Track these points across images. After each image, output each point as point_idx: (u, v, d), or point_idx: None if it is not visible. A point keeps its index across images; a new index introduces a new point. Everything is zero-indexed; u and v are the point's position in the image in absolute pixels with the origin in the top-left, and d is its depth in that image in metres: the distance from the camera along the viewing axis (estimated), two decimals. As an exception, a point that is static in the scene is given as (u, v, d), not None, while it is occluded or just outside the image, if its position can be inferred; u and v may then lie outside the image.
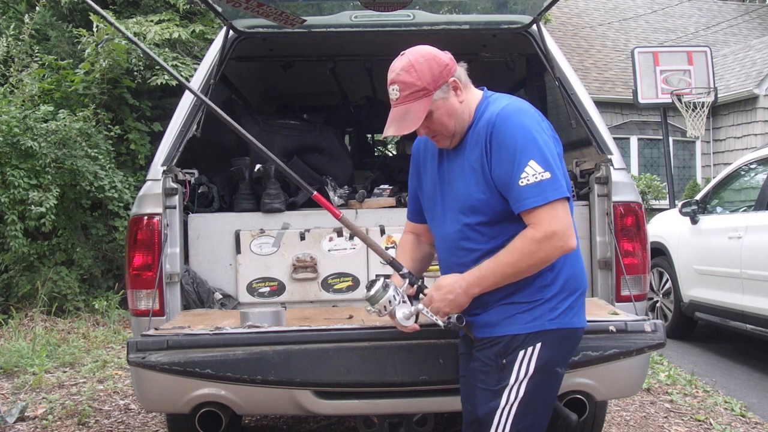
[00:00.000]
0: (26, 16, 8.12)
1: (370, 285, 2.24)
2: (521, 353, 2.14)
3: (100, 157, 7.17)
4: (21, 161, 6.81)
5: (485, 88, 2.31)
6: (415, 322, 2.28)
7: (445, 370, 2.50)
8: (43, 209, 6.55)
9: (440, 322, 2.21)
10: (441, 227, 2.32)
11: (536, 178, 2.05)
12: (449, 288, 2.18)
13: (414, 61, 2.14)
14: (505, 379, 2.14)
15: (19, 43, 7.86)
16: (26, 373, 5.38)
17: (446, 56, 2.20)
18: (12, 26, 8.13)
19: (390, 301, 2.23)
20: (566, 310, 2.18)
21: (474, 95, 2.26)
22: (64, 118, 6.96)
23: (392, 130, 2.16)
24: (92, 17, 7.86)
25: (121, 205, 7.28)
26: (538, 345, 2.14)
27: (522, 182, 2.06)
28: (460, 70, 2.22)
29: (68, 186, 7.07)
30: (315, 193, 2.37)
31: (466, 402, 2.28)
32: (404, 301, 2.26)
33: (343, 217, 2.37)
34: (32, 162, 6.82)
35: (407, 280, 2.29)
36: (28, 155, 6.83)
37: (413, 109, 2.13)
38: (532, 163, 2.05)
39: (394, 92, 2.16)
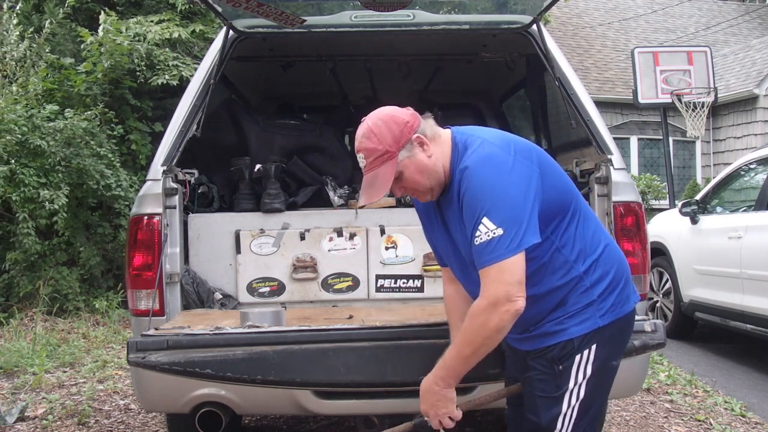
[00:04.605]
0: (47, 21, 8.09)
1: None
2: (577, 358, 2.10)
3: (110, 155, 7.17)
4: (30, 160, 6.81)
5: (450, 128, 2.21)
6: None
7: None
8: (56, 206, 6.55)
9: None
10: (465, 277, 2.25)
11: (488, 236, 1.95)
12: (428, 391, 2.16)
13: (372, 126, 2.09)
14: (563, 385, 2.11)
15: (34, 45, 7.85)
16: (26, 373, 5.38)
17: (406, 114, 2.13)
18: (30, 30, 8.12)
19: None
20: (615, 300, 2.14)
21: (444, 144, 2.15)
22: (71, 117, 6.96)
23: (364, 199, 2.13)
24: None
25: (126, 204, 7.28)
26: (593, 347, 2.10)
27: (476, 241, 1.98)
28: (424, 124, 2.14)
29: (75, 185, 7.07)
30: None
31: (527, 411, 2.21)
32: None
33: None
34: (41, 161, 6.81)
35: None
36: (37, 154, 6.82)
37: (381, 173, 2.09)
38: (485, 220, 1.96)
39: (361, 160, 2.12)
